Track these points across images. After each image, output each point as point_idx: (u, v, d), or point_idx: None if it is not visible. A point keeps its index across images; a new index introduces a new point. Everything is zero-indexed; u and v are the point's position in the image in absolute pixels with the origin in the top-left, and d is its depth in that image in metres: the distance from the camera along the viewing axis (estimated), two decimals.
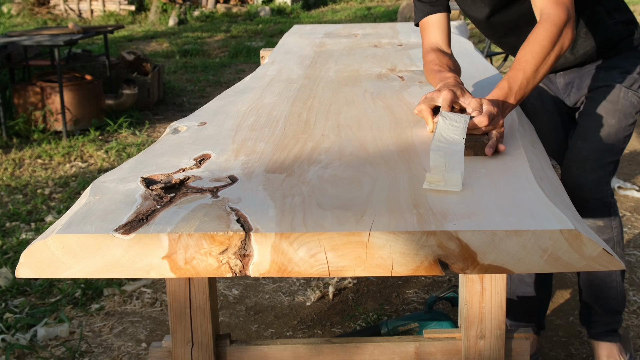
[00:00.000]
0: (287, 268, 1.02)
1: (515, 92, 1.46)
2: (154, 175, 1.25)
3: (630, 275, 2.75)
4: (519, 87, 1.46)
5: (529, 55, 1.48)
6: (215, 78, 7.22)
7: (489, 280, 1.42)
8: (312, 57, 2.59)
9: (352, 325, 2.46)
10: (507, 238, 1.00)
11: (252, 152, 1.40)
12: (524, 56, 1.48)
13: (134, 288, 2.76)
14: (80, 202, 1.17)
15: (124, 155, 4.61)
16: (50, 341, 2.42)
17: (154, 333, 2.46)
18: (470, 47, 2.69)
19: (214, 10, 12.98)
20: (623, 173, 3.97)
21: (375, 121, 1.62)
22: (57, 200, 3.81)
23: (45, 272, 1.04)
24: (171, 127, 1.62)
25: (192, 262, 1.02)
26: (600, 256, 1.02)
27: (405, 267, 1.02)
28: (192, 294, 1.44)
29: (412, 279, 2.76)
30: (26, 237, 3.23)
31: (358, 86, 2.02)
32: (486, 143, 1.35)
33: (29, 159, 4.58)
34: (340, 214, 1.06)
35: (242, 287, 2.76)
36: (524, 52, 1.49)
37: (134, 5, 12.69)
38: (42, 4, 12.88)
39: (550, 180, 1.29)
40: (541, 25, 1.51)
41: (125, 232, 1.02)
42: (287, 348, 1.50)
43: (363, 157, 1.35)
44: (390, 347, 1.49)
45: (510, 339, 1.49)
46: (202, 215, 1.06)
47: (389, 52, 2.66)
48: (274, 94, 1.94)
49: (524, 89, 1.47)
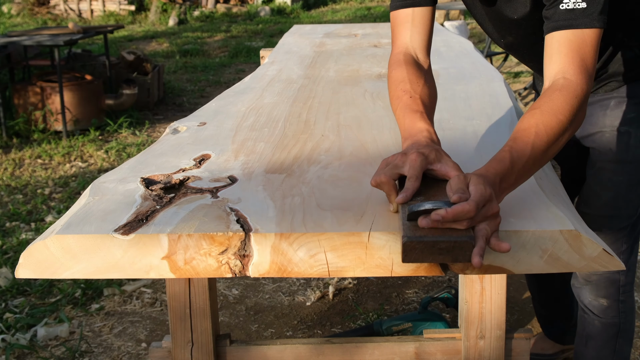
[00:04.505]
0: (287, 268, 1.02)
1: (518, 170, 1.05)
2: (154, 175, 1.25)
3: None
4: (523, 166, 1.06)
5: (542, 127, 1.09)
6: (215, 78, 7.22)
7: (489, 281, 1.43)
8: (312, 57, 2.59)
9: (352, 326, 2.46)
10: (507, 238, 1.00)
11: (252, 152, 1.40)
12: (536, 127, 1.09)
13: (134, 288, 2.76)
14: (80, 202, 1.17)
15: (124, 155, 4.61)
16: (50, 341, 2.42)
17: (154, 333, 2.46)
18: (470, 47, 2.69)
19: (214, 10, 12.98)
20: None
21: (375, 121, 1.62)
22: (57, 200, 3.81)
23: (45, 272, 1.03)
24: (171, 127, 1.62)
25: (191, 263, 1.02)
26: (600, 256, 1.02)
27: (405, 268, 1.02)
28: (192, 294, 1.44)
29: (412, 279, 2.76)
30: (26, 237, 3.23)
31: (358, 86, 2.02)
32: (472, 245, 0.91)
33: (29, 159, 4.58)
34: (340, 214, 1.06)
35: (242, 287, 2.76)
36: (535, 122, 1.10)
37: (134, 5, 12.69)
38: (42, 4, 12.87)
39: (550, 180, 1.29)
40: (560, 93, 1.13)
41: (125, 232, 1.01)
42: (287, 348, 1.50)
43: (363, 157, 1.35)
44: (390, 347, 1.49)
45: (510, 339, 1.49)
46: (202, 216, 1.06)
47: (389, 52, 2.66)
48: (274, 94, 1.94)
49: (529, 169, 1.08)
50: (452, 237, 0.91)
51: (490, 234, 0.95)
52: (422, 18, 1.38)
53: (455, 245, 0.91)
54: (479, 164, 1.26)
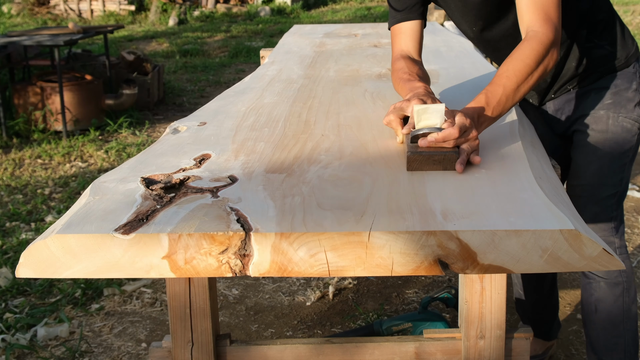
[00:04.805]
0: (287, 268, 1.02)
1: (493, 106, 1.37)
2: (154, 175, 1.25)
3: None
4: (497, 103, 1.38)
5: (511, 71, 1.40)
6: (215, 78, 7.22)
7: (489, 280, 1.42)
8: (312, 57, 2.59)
9: (352, 325, 2.46)
10: (507, 238, 1.00)
11: (252, 152, 1.40)
12: (506, 72, 1.40)
13: (134, 288, 2.76)
14: (80, 202, 1.17)
15: (124, 155, 4.61)
16: (50, 341, 2.42)
17: (154, 333, 2.46)
18: (470, 47, 2.69)
19: (214, 10, 12.98)
20: None
21: (375, 121, 1.62)
22: (57, 200, 3.81)
23: (45, 272, 1.04)
24: (171, 127, 1.62)
25: (192, 262, 1.02)
26: (600, 256, 1.02)
27: (405, 267, 1.02)
28: (192, 294, 1.44)
29: (412, 279, 2.76)
30: (26, 237, 3.23)
31: (358, 86, 2.02)
32: (456, 158, 1.25)
33: (29, 159, 4.58)
34: (340, 214, 1.06)
35: (242, 287, 2.76)
36: (506, 68, 1.41)
37: (134, 5, 12.69)
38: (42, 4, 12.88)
39: (550, 180, 1.29)
40: (527, 42, 1.43)
41: (125, 232, 1.01)
42: (287, 348, 1.50)
43: (363, 157, 1.35)
44: (390, 347, 1.49)
45: (510, 339, 1.49)
46: (202, 215, 1.06)
47: (389, 52, 2.66)
48: (274, 94, 1.94)
49: (502, 105, 1.39)
50: (442, 152, 1.25)
51: (471, 151, 1.28)
52: (412, 29, 1.76)
53: (444, 157, 1.25)
54: (479, 164, 1.29)
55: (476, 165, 1.28)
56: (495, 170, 1.26)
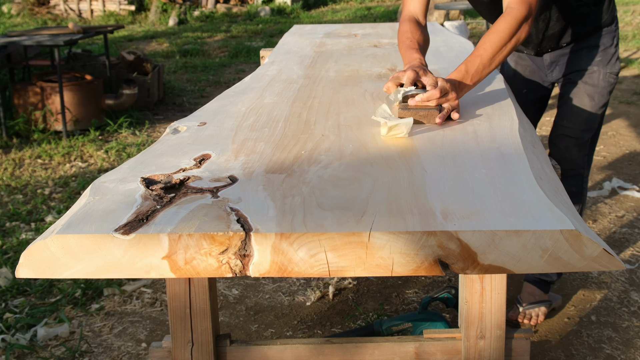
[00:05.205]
0: (287, 268, 1.02)
1: (472, 74, 1.67)
2: (154, 175, 1.25)
3: (631, 275, 2.75)
4: (475, 71, 1.67)
5: (488, 44, 1.68)
6: (215, 78, 7.22)
7: (489, 281, 1.43)
8: (312, 57, 2.59)
9: (352, 326, 2.46)
10: (508, 238, 1.00)
11: (252, 152, 1.40)
12: (484, 45, 1.69)
13: (134, 288, 2.76)
14: (80, 202, 1.17)
15: (124, 155, 4.61)
16: (50, 341, 2.42)
17: (154, 333, 2.46)
18: (470, 47, 2.69)
19: (214, 10, 12.98)
20: (623, 173, 3.97)
21: (375, 121, 1.62)
22: (57, 200, 3.81)
23: (45, 272, 1.04)
24: (171, 127, 1.62)
25: (192, 263, 1.02)
26: (600, 256, 1.02)
27: (406, 267, 1.02)
28: (192, 294, 1.44)
29: (412, 279, 2.76)
30: (26, 237, 3.23)
31: (358, 86, 2.02)
32: (437, 113, 1.56)
33: (29, 159, 4.58)
34: (340, 214, 1.06)
35: (242, 287, 2.76)
36: (484, 41, 1.69)
37: (134, 5, 12.69)
38: (42, 4, 12.88)
39: (550, 180, 1.29)
40: (503, 18, 1.70)
41: (126, 232, 1.01)
42: (287, 348, 1.50)
43: (363, 157, 1.35)
44: (390, 347, 1.49)
45: (510, 339, 1.49)
46: (202, 216, 1.06)
47: (389, 52, 2.66)
48: (274, 94, 1.94)
49: (480, 73, 1.68)
50: (426, 108, 1.59)
51: (451, 109, 1.60)
52: None
53: (428, 113, 1.59)
54: (479, 164, 1.29)
55: (476, 165, 1.28)
56: (495, 170, 1.26)
